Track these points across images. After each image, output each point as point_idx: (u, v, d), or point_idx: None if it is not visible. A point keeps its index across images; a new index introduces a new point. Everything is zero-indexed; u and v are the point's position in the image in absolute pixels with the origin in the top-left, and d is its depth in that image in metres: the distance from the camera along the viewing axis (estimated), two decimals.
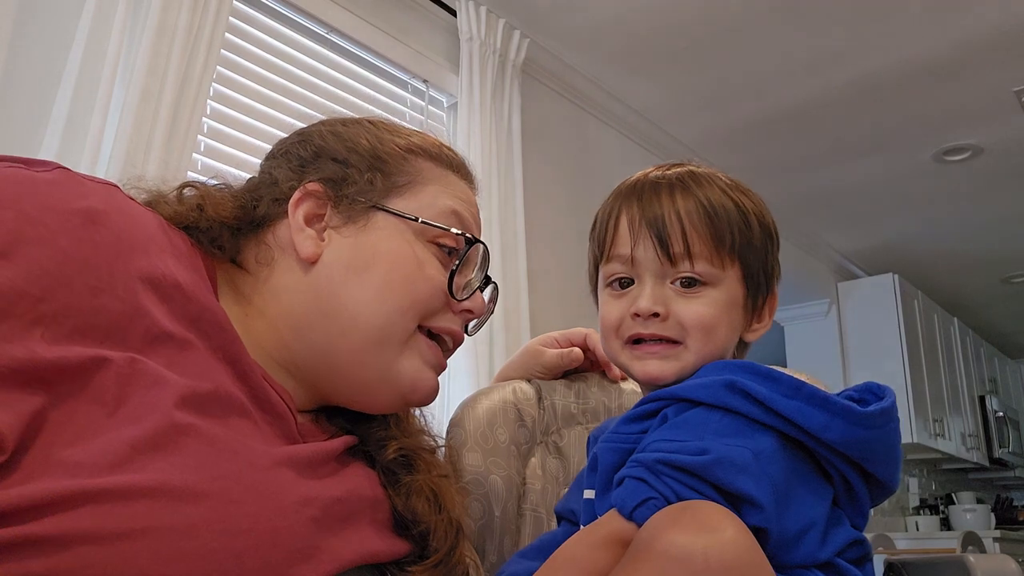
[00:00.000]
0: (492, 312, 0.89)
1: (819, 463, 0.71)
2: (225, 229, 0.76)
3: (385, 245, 0.77)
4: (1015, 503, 6.01)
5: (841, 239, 4.83)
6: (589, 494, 0.77)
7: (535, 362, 1.08)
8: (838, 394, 0.73)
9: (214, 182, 0.82)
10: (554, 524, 0.99)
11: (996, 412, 5.66)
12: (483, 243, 0.83)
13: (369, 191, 0.79)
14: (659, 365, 0.77)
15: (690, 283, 0.76)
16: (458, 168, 0.86)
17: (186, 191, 0.78)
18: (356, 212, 0.78)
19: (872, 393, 0.73)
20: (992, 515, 5.15)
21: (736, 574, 0.57)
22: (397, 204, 0.79)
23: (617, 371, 1.09)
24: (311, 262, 0.76)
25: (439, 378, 0.82)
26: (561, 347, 1.09)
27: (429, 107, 2.60)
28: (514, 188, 2.62)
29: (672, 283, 0.77)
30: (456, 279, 0.79)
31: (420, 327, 0.78)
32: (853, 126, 3.53)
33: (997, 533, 4.58)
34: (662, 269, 0.77)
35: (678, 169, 0.81)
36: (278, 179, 0.80)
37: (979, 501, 5.37)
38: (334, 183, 0.79)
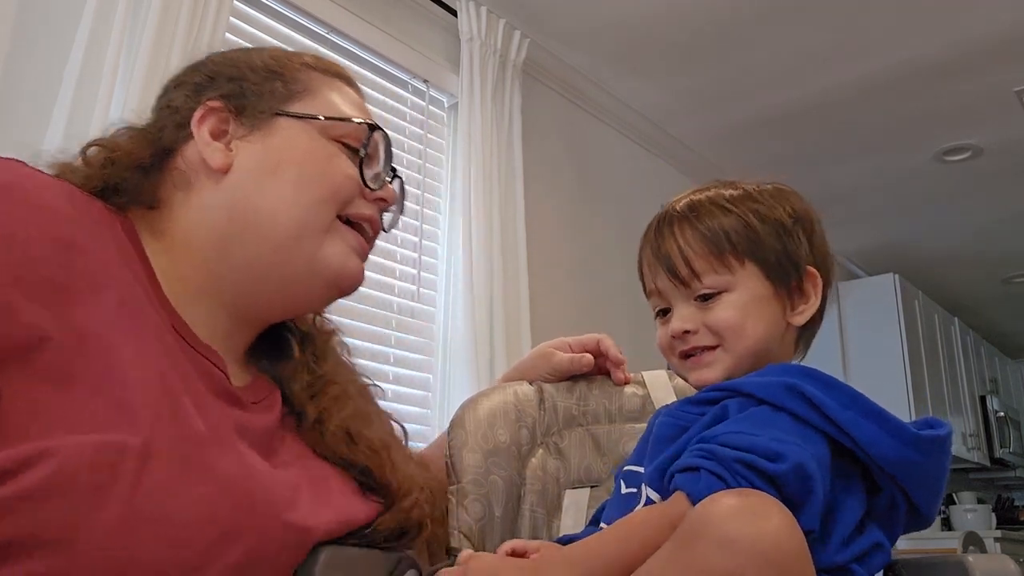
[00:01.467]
0: (403, 207, 0.95)
1: (867, 473, 0.74)
2: (139, 173, 0.78)
3: (293, 145, 0.80)
4: (1016, 503, 6.00)
5: (841, 239, 4.82)
6: (638, 468, 0.84)
7: (545, 364, 1.09)
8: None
9: (115, 128, 0.85)
10: (555, 523, 1.00)
11: (997, 412, 5.65)
12: (384, 131, 0.86)
13: (269, 99, 0.81)
14: (707, 371, 0.86)
15: (706, 297, 0.85)
16: (347, 78, 0.90)
17: (90, 151, 0.80)
18: (259, 120, 0.80)
19: (929, 425, 0.76)
20: (993, 515, 5.15)
21: (781, 563, 0.58)
22: (297, 108, 0.82)
23: (622, 375, 1.11)
24: (223, 172, 0.78)
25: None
26: (574, 352, 1.09)
27: (429, 107, 2.60)
28: (514, 188, 2.62)
29: (695, 301, 0.86)
30: (365, 169, 0.82)
31: (339, 217, 0.81)
32: (854, 126, 3.53)
33: (998, 533, 4.59)
34: (682, 292, 0.87)
35: (684, 200, 0.91)
36: (178, 106, 0.82)
37: (980, 501, 5.37)
38: (233, 98, 0.81)
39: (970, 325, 5.81)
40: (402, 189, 0.93)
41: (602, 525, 0.85)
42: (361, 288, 2.45)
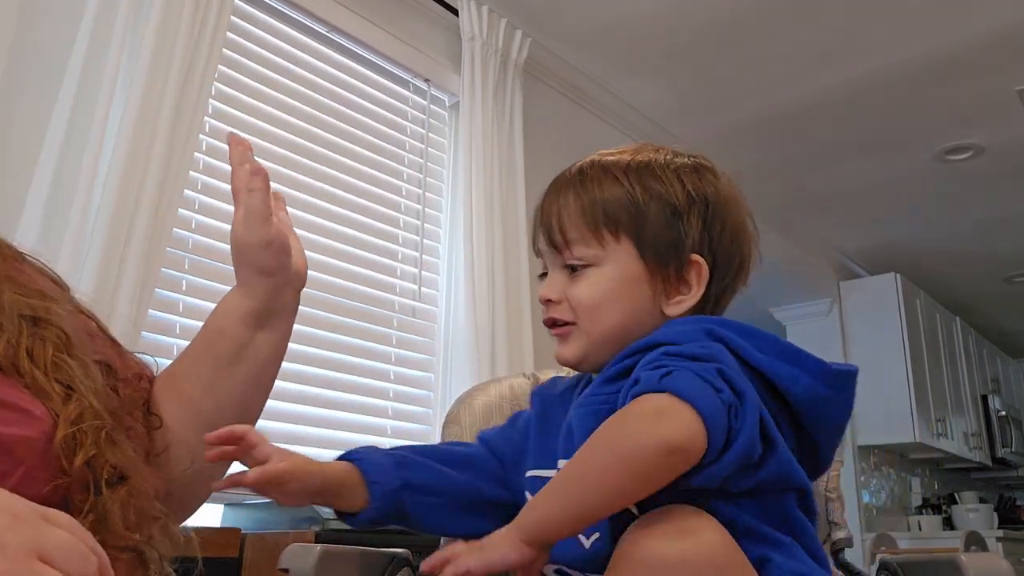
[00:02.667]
0: None
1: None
2: None
3: None
4: (1018, 503, 6.00)
5: (843, 238, 4.82)
6: (561, 465, 0.78)
7: None
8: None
9: None
10: None
11: (999, 412, 5.65)
12: None
13: None
14: (561, 348, 0.82)
15: (574, 268, 0.81)
16: None
17: None
18: None
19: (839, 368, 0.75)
20: (995, 515, 5.15)
21: (715, 574, 0.58)
22: None
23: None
24: None
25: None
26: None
27: (431, 106, 2.61)
28: (516, 187, 2.62)
29: (566, 270, 0.82)
30: None
31: None
32: (855, 126, 3.53)
33: (1000, 533, 4.59)
34: (557, 259, 0.82)
35: (582, 163, 0.86)
36: None
37: (982, 501, 5.36)
38: None
39: (972, 324, 5.80)
40: None
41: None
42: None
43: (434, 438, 2.03)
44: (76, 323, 0.73)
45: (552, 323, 0.82)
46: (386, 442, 2.25)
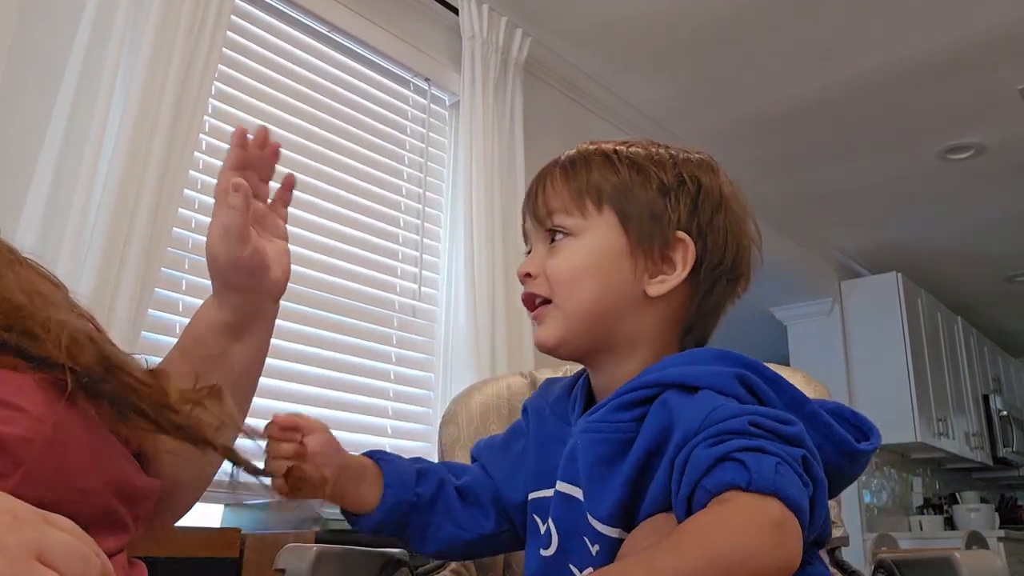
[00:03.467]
0: None
1: None
2: None
3: None
4: (1019, 502, 5.99)
5: (844, 238, 4.82)
6: (565, 488, 0.74)
7: None
8: (828, 404, 0.71)
9: None
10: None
11: (1000, 411, 5.64)
12: None
13: None
14: (541, 331, 0.77)
15: (553, 237, 0.77)
16: None
17: None
18: None
19: (864, 434, 0.70)
20: (996, 514, 5.14)
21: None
22: None
23: None
24: None
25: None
26: None
27: (431, 105, 2.61)
28: (516, 187, 2.62)
29: (547, 242, 0.78)
30: None
31: None
32: (856, 124, 3.53)
33: (1001, 533, 4.58)
34: (540, 234, 0.79)
35: (577, 149, 0.82)
36: None
37: (983, 500, 5.36)
38: None
39: (973, 324, 5.80)
40: None
41: None
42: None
43: (434, 438, 2.03)
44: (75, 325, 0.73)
45: (530, 302, 0.78)
46: (386, 442, 2.25)
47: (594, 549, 0.70)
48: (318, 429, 0.76)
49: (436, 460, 0.97)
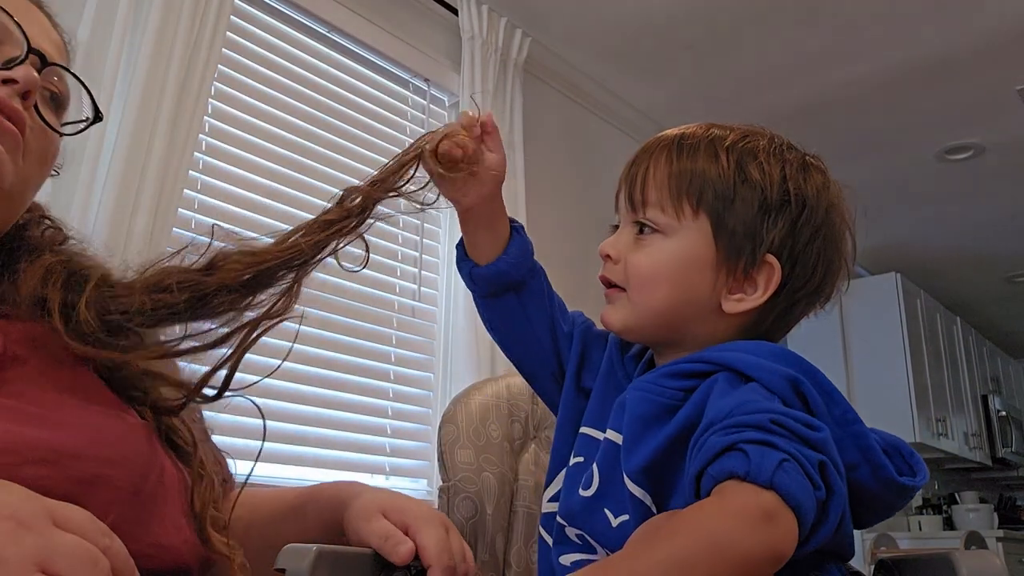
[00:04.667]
0: (62, 92, 0.81)
1: None
2: None
3: None
4: (1018, 503, 6.00)
5: None
6: (612, 435, 0.75)
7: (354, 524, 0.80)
8: (888, 436, 0.72)
9: None
10: None
11: (999, 412, 5.65)
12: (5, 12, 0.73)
13: None
14: (609, 312, 0.78)
15: (641, 229, 0.77)
16: None
17: None
18: None
19: (911, 468, 0.70)
20: (995, 515, 5.14)
21: None
22: None
23: None
24: None
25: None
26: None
27: (431, 106, 2.61)
28: (516, 187, 2.63)
29: (635, 230, 0.78)
30: None
31: None
32: (855, 125, 3.53)
33: (1000, 533, 4.58)
34: (630, 217, 0.79)
35: (684, 130, 0.82)
36: None
37: (982, 501, 5.36)
38: None
39: (972, 324, 5.80)
40: (48, 68, 0.78)
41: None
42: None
43: (433, 438, 2.03)
44: None
45: (606, 282, 0.79)
46: (385, 442, 2.25)
47: (626, 498, 0.72)
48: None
49: (435, 460, 0.98)
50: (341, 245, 0.76)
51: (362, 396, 2.23)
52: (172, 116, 1.72)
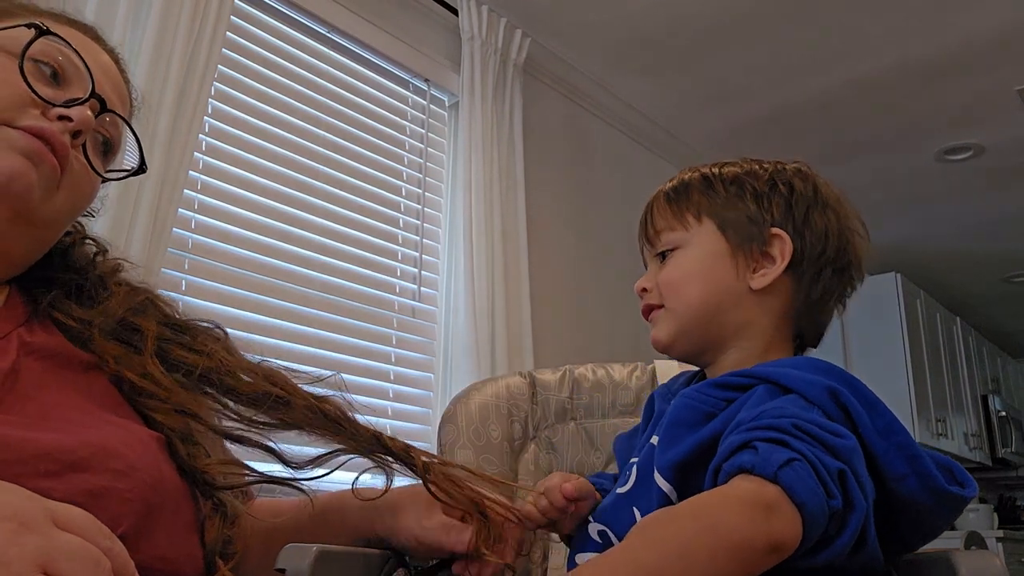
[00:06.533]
0: (114, 138, 0.82)
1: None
2: None
3: None
4: (1018, 503, 6.00)
5: None
6: (654, 440, 0.80)
7: (412, 516, 0.91)
8: (940, 457, 0.72)
9: None
10: None
11: (999, 412, 5.65)
12: (53, 33, 0.76)
13: None
14: (655, 330, 0.85)
15: (664, 256, 0.85)
16: (68, 21, 0.81)
17: None
18: None
19: (957, 480, 0.71)
20: (995, 515, 5.15)
21: None
22: None
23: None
24: None
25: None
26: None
27: (430, 106, 2.61)
28: (515, 187, 2.63)
29: (658, 260, 0.86)
30: (35, 80, 0.73)
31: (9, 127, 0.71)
32: (855, 125, 3.53)
33: (1000, 533, 4.58)
34: (650, 251, 0.87)
35: (681, 176, 0.90)
36: None
37: (982, 501, 5.36)
38: None
39: (972, 324, 5.80)
40: (103, 110, 0.79)
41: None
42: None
43: (433, 438, 2.03)
44: None
45: (647, 311, 0.86)
46: None
47: (655, 496, 0.75)
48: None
49: None
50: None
51: (362, 396, 2.23)
52: (172, 116, 1.72)
